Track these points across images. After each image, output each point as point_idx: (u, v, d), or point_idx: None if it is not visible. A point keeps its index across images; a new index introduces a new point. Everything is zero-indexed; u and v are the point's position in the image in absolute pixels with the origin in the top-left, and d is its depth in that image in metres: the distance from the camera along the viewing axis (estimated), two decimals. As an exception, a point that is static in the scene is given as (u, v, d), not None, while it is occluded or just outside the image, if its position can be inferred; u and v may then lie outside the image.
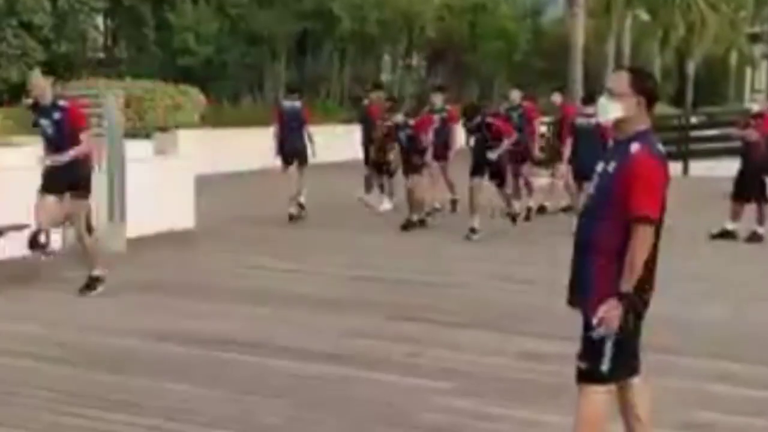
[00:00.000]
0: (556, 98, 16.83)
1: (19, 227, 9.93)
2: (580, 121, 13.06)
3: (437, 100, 15.39)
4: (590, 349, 4.39)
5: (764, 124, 12.75)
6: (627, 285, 4.24)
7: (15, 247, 10.06)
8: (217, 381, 6.37)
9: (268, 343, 7.36)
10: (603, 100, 4.48)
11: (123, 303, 8.76)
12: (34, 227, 9.40)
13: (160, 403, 5.89)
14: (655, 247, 4.35)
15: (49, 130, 9.17)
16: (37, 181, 10.43)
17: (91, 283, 9.18)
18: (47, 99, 9.16)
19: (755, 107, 13.13)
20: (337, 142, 24.37)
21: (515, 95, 15.77)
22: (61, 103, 9.19)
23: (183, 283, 9.74)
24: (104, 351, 7.13)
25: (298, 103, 15.14)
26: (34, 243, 10.08)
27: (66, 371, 6.58)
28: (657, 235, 4.37)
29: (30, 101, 9.66)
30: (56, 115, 9.09)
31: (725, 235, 12.78)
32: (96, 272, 9.23)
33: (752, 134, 12.75)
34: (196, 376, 6.49)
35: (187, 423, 5.58)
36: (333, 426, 5.56)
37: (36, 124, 9.38)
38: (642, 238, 4.24)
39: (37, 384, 6.28)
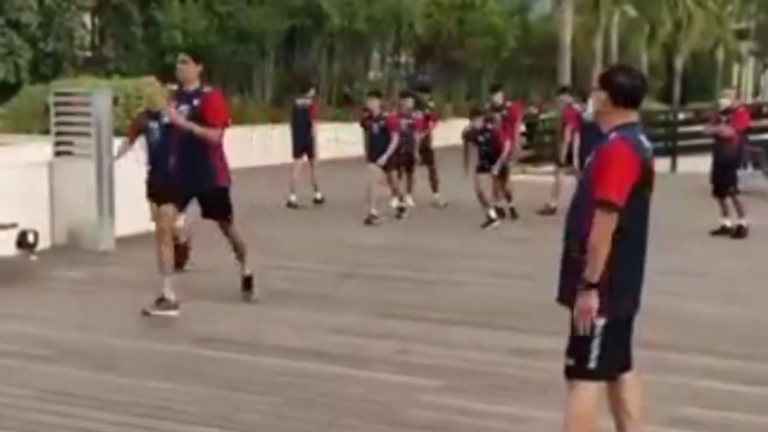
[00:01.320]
0: (498, 98, 15.65)
1: (6, 226, 9.91)
2: (585, 115, 13.29)
3: (407, 104, 15.51)
4: (577, 345, 4.40)
5: (735, 119, 12.82)
6: (589, 274, 4.24)
7: (3, 246, 10.04)
8: (204, 379, 6.35)
9: (256, 341, 7.35)
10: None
11: (110, 301, 8.73)
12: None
13: (146, 402, 5.86)
14: (637, 246, 4.36)
15: None
16: (24, 180, 10.41)
17: None
18: None
19: (725, 103, 13.15)
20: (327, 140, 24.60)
21: (498, 97, 15.58)
22: None
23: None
24: (90, 349, 7.10)
25: (308, 101, 16.20)
26: (22, 242, 10.07)
27: (51, 369, 6.56)
28: (641, 235, 4.38)
29: None
30: None
31: (723, 231, 12.81)
32: None
33: (726, 130, 12.80)
34: (182, 374, 6.47)
35: (173, 421, 5.56)
36: (321, 424, 5.55)
37: None
38: (599, 223, 4.22)
39: (19, 382, 6.25)
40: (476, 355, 7.02)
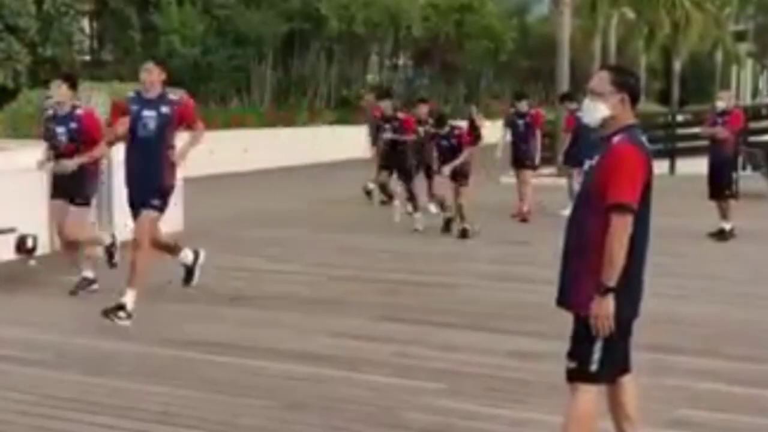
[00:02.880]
0: (423, 110, 14.97)
1: (5, 231, 9.91)
2: (580, 115, 13.23)
3: (424, 110, 15.06)
4: (579, 348, 4.39)
5: (731, 121, 12.85)
6: (607, 278, 4.22)
7: (2, 250, 10.03)
8: (200, 383, 6.33)
9: (253, 345, 7.33)
10: (587, 102, 4.50)
11: (107, 305, 8.70)
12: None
13: (142, 406, 5.85)
14: (637, 250, 4.35)
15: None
16: (23, 185, 10.39)
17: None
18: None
19: (721, 105, 13.15)
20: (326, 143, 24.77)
21: (422, 109, 14.88)
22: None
23: (169, 285, 9.68)
24: (86, 354, 7.09)
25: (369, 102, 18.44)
26: (20, 247, 10.06)
27: (47, 374, 6.54)
28: (644, 239, 4.36)
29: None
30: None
31: (722, 233, 12.82)
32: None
33: (721, 132, 12.82)
34: (179, 378, 6.45)
35: (170, 425, 5.55)
36: (318, 427, 5.52)
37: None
38: (617, 226, 4.19)
39: (16, 387, 6.25)
40: (474, 357, 7.01)
